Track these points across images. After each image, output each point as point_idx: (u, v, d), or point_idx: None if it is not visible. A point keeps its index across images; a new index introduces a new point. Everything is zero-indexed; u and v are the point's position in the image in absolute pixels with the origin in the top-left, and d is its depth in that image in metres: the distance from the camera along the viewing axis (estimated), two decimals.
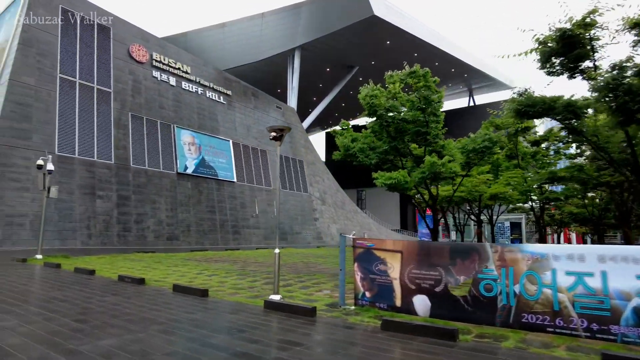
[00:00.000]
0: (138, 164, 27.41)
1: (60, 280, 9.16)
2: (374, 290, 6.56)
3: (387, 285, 6.39)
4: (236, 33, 49.71)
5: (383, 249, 6.60)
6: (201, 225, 30.19)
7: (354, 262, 6.86)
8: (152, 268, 12.13)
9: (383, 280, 6.44)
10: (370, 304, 6.58)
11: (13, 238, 20.41)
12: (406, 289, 6.18)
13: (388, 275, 6.39)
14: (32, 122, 22.82)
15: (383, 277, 6.44)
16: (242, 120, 38.18)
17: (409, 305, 6.11)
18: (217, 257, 17.62)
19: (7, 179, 21.03)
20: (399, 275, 6.26)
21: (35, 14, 24.69)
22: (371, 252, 6.68)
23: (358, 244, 6.89)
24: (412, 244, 6.54)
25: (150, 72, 30.63)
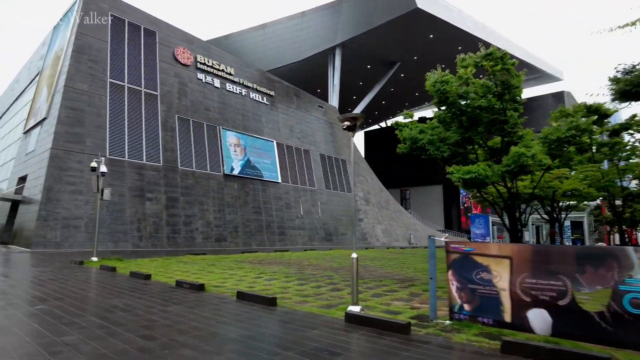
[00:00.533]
0: (186, 166, 27.48)
1: (118, 285, 8.73)
2: (475, 302, 5.54)
3: (492, 296, 5.36)
4: (277, 34, 49.55)
5: (485, 254, 5.57)
6: (248, 227, 29.94)
7: (448, 269, 5.87)
8: (207, 272, 11.61)
9: (487, 291, 5.41)
10: (471, 318, 5.56)
11: (70, 240, 20.78)
12: (518, 302, 5.12)
13: (494, 285, 5.35)
14: (85, 127, 23.26)
15: (487, 288, 5.41)
16: (285, 120, 37.78)
17: (523, 321, 5.06)
18: (268, 259, 17.03)
19: (64, 182, 21.47)
20: (509, 285, 5.22)
21: (87, 22, 25.25)
22: (470, 258, 5.66)
23: (453, 248, 5.89)
24: (523, 249, 5.48)
25: (195, 74, 30.76)
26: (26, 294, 7.54)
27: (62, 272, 11.03)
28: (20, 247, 21.31)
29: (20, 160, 28.13)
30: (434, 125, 12.06)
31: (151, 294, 7.63)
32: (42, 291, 7.82)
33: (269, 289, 8.51)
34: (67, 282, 9.08)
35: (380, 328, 5.27)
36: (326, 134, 42.53)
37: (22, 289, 8.20)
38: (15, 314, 5.76)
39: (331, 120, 44.11)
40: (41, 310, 5.95)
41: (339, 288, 8.88)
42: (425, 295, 8.13)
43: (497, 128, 11.18)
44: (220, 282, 9.41)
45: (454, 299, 5.77)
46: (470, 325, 5.49)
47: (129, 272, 10.61)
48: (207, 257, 17.00)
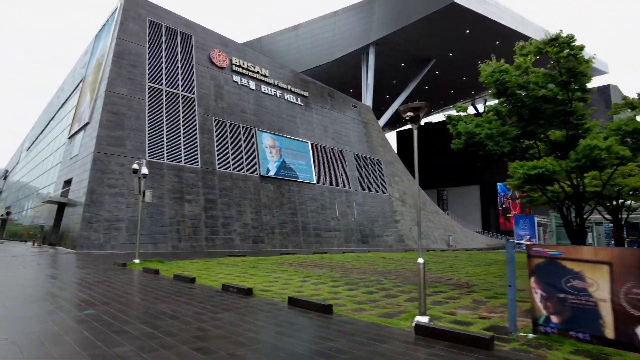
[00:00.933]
0: (223, 168, 27.54)
1: (163, 289, 8.48)
2: (566, 313, 4.83)
3: (588, 308, 4.63)
4: (309, 34, 49.33)
5: (577, 259, 4.84)
6: (284, 228, 29.69)
7: (530, 275, 5.17)
8: (251, 274, 11.26)
9: (581, 301, 4.69)
10: (560, 332, 4.85)
11: (112, 242, 21.10)
12: (624, 316, 4.38)
13: (590, 295, 4.63)
14: (125, 130, 23.64)
15: (581, 297, 4.69)
16: (320, 121, 37.40)
17: (632, 339, 4.31)
18: (309, 261, 16.59)
19: (106, 185, 21.86)
20: (610, 295, 4.48)
21: (126, 28, 25.74)
22: (557, 263, 4.95)
23: (535, 252, 5.20)
24: (627, 253, 4.72)
25: (231, 76, 30.85)
26: (74, 297, 7.37)
27: (107, 275, 10.97)
28: (66, 248, 21.86)
29: (65, 164, 29.06)
30: (490, 119, 11.20)
31: (198, 299, 7.29)
32: (89, 294, 7.65)
33: (318, 294, 8.02)
34: (113, 285, 8.93)
35: (457, 342, 4.65)
36: (360, 133, 41.84)
37: (70, 292, 8.07)
38: (65, 319, 5.51)
39: (365, 120, 43.40)
40: (90, 316, 5.69)
41: (392, 294, 8.29)
42: (491, 303, 7.42)
43: (560, 120, 10.23)
44: (267, 286, 9.01)
45: (538, 309, 5.07)
46: (561, 340, 4.78)
47: (173, 275, 10.40)
48: (247, 259, 16.75)
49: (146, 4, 27.52)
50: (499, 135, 10.27)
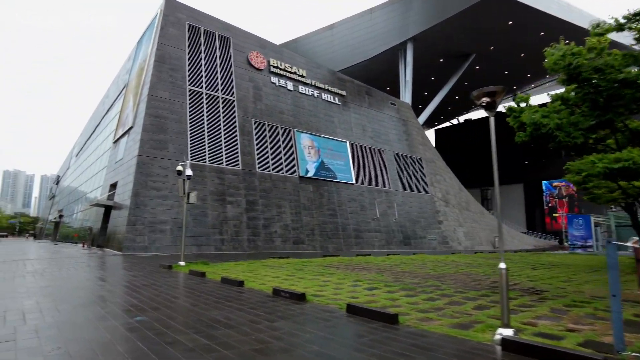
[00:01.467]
0: (263, 169, 27.45)
1: (212, 293, 8.16)
2: None
3: None
4: (345, 33, 48.78)
5: None
6: (324, 229, 29.24)
7: None
8: (298, 277, 10.82)
9: None
10: None
11: (156, 244, 21.34)
12: None
13: None
14: (167, 133, 23.93)
15: None
16: (357, 120, 36.74)
17: None
18: (354, 264, 16.00)
19: (150, 187, 22.16)
20: None
21: (166, 33, 26.13)
22: None
23: None
24: None
25: (269, 78, 30.77)
26: (123, 302, 7.16)
27: (154, 277, 10.84)
28: (113, 250, 22.35)
29: (110, 168, 29.93)
30: (557, 108, 10.20)
31: (250, 305, 6.89)
32: (139, 298, 7.42)
33: (375, 301, 7.44)
34: (160, 289, 8.71)
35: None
36: (399, 132, 40.81)
37: (119, 295, 7.90)
38: (116, 326, 5.22)
39: (404, 118, 42.32)
40: (141, 323, 5.38)
41: (457, 301, 7.57)
42: (574, 313, 6.58)
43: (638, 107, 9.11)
44: (318, 291, 8.51)
45: None
46: None
47: (220, 278, 10.11)
48: (291, 261, 16.37)
49: (185, 8, 27.89)
50: (570, 126, 9.27)
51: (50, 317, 5.76)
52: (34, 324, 5.29)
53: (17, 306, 6.63)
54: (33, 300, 7.18)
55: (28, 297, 7.47)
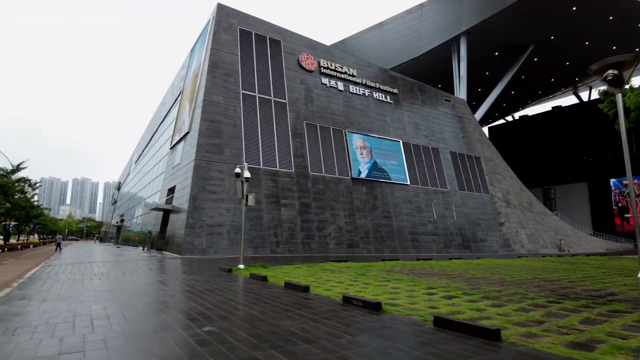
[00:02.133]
0: (315, 171, 27.05)
1: (279, 300, 7.66)
2: None
3: None
4: (394, 31, 47.60)
5: None
6: (379, 232, 28.31)
7: None
8: (363, 283, 10.12)
9: None
10: None
11: (214, 247, 21.45)
12: None
13: None
14: (222, 137, 24.11)
15: None
16: (411, 118, 35.49)
17: None
18: (417, 268, 15.05)
19: (207, 191, 22.36)
20: None
21: (219, 38, 26.45)
22: None
23: None
24: None
25: (319, 79, 30.41)
26: (188, 308, 6.80)
27: (216, 281, 10.57)
28: (172, 253, 22.77)
29: (168, 173, 30.78)
30: None
31: (323, 314, 6.28)
32: (203, 305, 7.05)
33: (460, 311, 6.58)
34: (224, 295, 8.34)
35: None
36: (455, 129, 39.01)
37: (182, 301, 7.58)
38: (185, 338, 4.78)
39: (460, 115, 40.45)
40: (210, 334, 4.92)
41: (555, 313, 6.54)
42: None
43: None
44: (390, 298, 7.78)
45: None
46: None
47: (284, 283, 9.63)
48: (351, 265, 15.69)
49: (237, 13, 28.16)
50: None
51: (117, 324, 5.47)
52: (102, 333, 4.98)
53: (85, 311, 6.46)
54: (100, 305, 7.02)
55: (95, 302, 7.33)
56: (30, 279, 11.40)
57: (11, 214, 25.65)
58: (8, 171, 24.41)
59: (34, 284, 10.09)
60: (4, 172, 24.12)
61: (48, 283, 10.32)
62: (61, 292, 8.69)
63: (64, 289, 9.08)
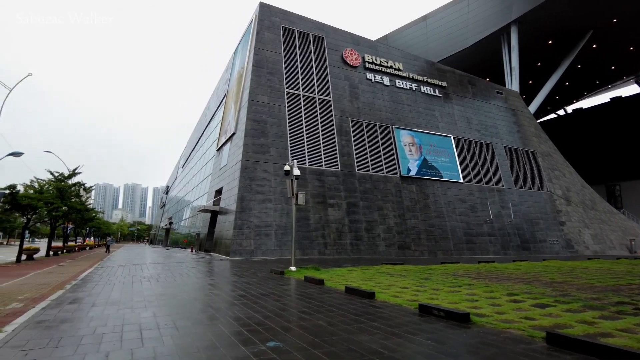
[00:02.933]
0: (362, 170, 26.06)
1: (344, 308, 6.80)
2: None
3: None
4: (439, 23, 45.71)
5: None
6: (431, 233, 26.85)
7: None
8: (432, 289, 9.06)
9: None
10: None
11: (262, 248, 20.96)
12: None
13: None
14: (268, 137, 23.66)
15: None
16: (461, 112, 33.70)
17: None
18: (484, 272, 13.72)
19: (254, 191, 21.95)
20: None
21: (262, 37, 26.10)
22: None
23: None
24: None
25: (364, 74, 29.41)
26: (246, 317, 6.07)
27: (269, 285, 9.87)
28: (220, 255, 22.53)
29: (215, 175, 30.83)
30: None
31: (404, 327, 5.33)
32: (261, 312, 6.31)
33: (567, 324, 5.44)
34: (282, 300, 7.58)
35: None
36: (509, 123, 36.71)
37: (238, 307, 6.88)
38: (249, 357, 4.00)
39: (513, 107, 38.08)
40: (278, 353, 4.11)
41: None
42: None
43: None
44: (471, 307, 6.71)
45: None
46: None
47: (344, 288, 8.76)
48: (409, 268, 14.57)
49: (279, 11, 27.73)
50: None
51: (168, 337, 4.79)
52: (152, 348, 4.31)
53: (134, 318, 5.88)
54: (150, 312, 6.44)
55: (145, 308, 6.77)
56: (83, 280, 11.22)
57: (68, 217, 26.46)
58: (65, 176, 25.15)
59: (85, 286, 9.82)
60: (61, 176, 24.86)
61: (99, 285, 10.03)
62: (111, 295, 8.28)
63: (114, 292, 8.68)
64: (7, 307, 7.00)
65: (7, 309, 6.88)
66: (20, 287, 10.01)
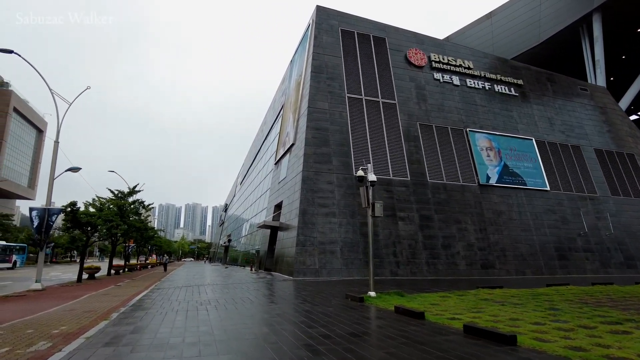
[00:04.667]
0: (435, 179, 23.40)
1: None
2: None
3: None
4: (507, 20, 42.16)
5: None
6: (517, 249, 23.45)
7: None
8: (581, 326, 6.47)
9: None
10: None
11: (327, 267, 18.89)
12: None
13: None
14: (329, 146, 21.82)
15: None
16: (541, 112, 30.06)
17: None
18: (615, 297, 10.68)
19: (317, 204, 20.06)
20: None
21: (320, 42, 24.60)
22: None
23: None
24: None
25: (431, 75, 26.95)
26: None
27: (353, 318, 7.73)
28: (282, 275, 20.70)
29: (274, 189, 29.44)
30: None
31: None
32: None
33: None
34: (387, 349, 5.39)
35: None
36: (598, 122, 32.32)
37: (326, 357, 4.79)
38: None
39: (601, 105, 33.62)
40: None
41: None
42: None
43: None
44: None
45: None
46: None
47: (462, 326, 6.41)
48: (512, 292, 11.79)
49: (337, 14, 26.19)
50: None
51: None
52: None
53: None
54: None
55: (199, 357, 4.88)
56: (133, 307, 9.73)
57: (129, 235, 26.06)
58: (125, 193, 24.80)
59: (134, 315, 8.24)
60: (121, 194, 24.52)
61: (149, 314, 8.42)
62: (159, 331, 6.54)
63: (164, 326, 6.96)
64: (29, 350, 5.41)
65: (29, 352, 5.29)
66: (63, 315, 8.64)
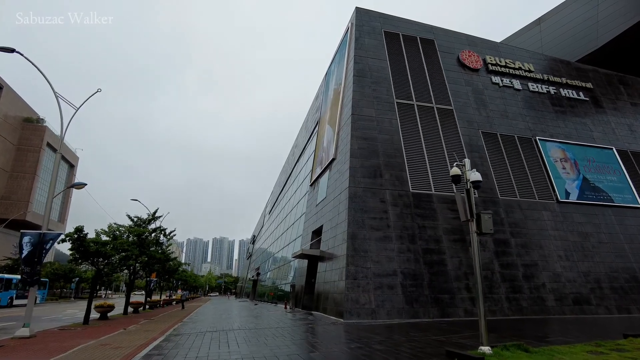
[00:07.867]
0: (506, 195, 19.49)
1: None
2: None
3: None
4: (559, 25, 38.56)
5: None
6: (616, 280, 18.94)
7: None
8: None
9: None
10: None
11: (386, 306, 15.01)
12: None
13: None
14: (379, 157, 18.39)
15: None
16: (619, 118, 25.90)
17: None
18: None
19: (368, 227, 16.44)
20: None
21: (362, 44, 21.72)
22: None
23: None
24: None
25: (489, 78, 23.51)
26: None
27: None
28: (327, 315, 16.87)
29: (310, 213, 26.00)
30: None
31: None
32: None
33: None
34: None
35: None
36: None
37: None
38: None
39: None
40: None
41: None
42: None
43: None
44: None
45: None
46: None
47: None
48: None
49: (378, 16, 23.41)
50: None
51: None
52: None
53: None
54: None
55: None
56: None
57: (150, 268, 22.98)
58: (144, 220, 21.92)
59: None
60: (140, 221, 21.63)
61: None
62: None
63: None
64: None
65: None
66: None
